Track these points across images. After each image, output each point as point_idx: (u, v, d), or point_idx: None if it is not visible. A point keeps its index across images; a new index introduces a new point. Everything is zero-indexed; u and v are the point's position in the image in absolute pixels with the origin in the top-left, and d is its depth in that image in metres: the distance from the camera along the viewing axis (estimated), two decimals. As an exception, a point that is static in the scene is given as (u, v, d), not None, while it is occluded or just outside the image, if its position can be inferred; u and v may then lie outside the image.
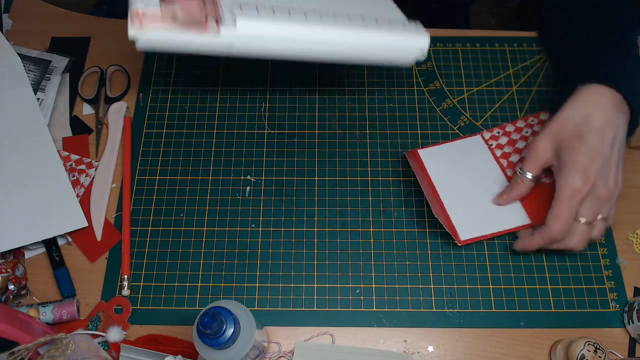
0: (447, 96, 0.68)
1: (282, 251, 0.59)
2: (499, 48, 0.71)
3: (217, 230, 0.60)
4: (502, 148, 0.63)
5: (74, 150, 0.64)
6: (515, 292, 0.57)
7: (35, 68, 0.69)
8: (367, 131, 0.66)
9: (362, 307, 0.57)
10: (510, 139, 0.63)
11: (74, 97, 0.68)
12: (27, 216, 0.59)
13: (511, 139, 0.63)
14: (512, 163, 0.62)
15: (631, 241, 0.60)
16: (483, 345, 0.55)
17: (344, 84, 0.69)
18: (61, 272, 0.58)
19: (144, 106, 0.68)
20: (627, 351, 0.55)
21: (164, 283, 0.58)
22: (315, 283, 0.58)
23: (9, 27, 0.73)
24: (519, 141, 0.63)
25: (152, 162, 0.64)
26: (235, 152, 0.65)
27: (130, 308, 0.56)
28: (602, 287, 0.57)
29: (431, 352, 0.55)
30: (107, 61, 0.71)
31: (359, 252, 0.59)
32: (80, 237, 0.60)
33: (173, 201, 0.62)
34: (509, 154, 0.62)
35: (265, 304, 0.57)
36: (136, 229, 0.60)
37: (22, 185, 0.61)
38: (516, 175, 0.58)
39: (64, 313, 0.54)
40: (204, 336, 0.42)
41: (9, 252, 0.58)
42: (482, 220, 0.59)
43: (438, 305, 0.57)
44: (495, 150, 0.63)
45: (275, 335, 0.56)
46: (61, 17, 0.74)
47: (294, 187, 0.63)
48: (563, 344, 0.53)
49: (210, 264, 0.59)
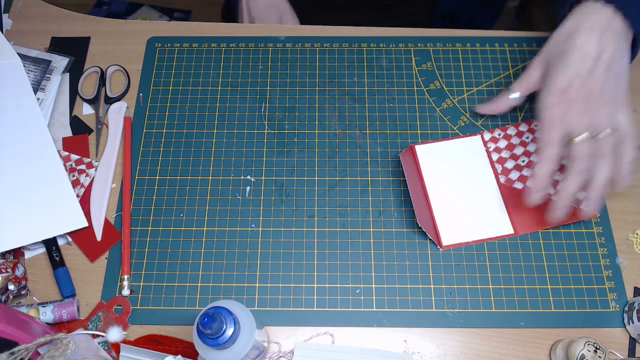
0: (447, 96, 0.68)
1: (282, 251, 0.59)
2: (499, 48, 0.71)
3: (217, 230, 0.60)
4: (500, 152, 0.62)
5: (74, 150, 0.64)
6: (515, 292, 0.57)
7: (35, 68, 0.69)
8: (367, 131, 0.66)
9: (362, 307, 0.57)
10: (510, 143, 0.63)
11: (74, 97, 0.68)
12: (27, 216, 0.59)
13: (511, 143, 0.63)
14: (507, 170, 0.61)
15: (631, 241, 0.60)
16: (483, 345, 0.55)
17: (344, 84, 0.69)
18: (61, 272, 0.58)
19: (144, 106, 0.68)
20: (627, 351, 0.55)
21: (164, 283, 0.58)
22: (315, 283, 0.58)
23: (9, 27, 0.73)
24: (518, 146, 0.63)
25: (152, 162, 0.64)
26: (235, 152, 0.65)
27: (130, 308, 0.56)
28: (602, 287, 0.57)
29: (431, 352, 0.55)
30: (107, 61, 0.71)
31: (359, 252, 0.59)
32: (80, 237, 0.60)
33: (173, 201, 0.62)
34: (505, 159, 0.62)
35: (265, 304, 0.57)
36: (136, 229, 0.61)
37: (22, 185, 0.61)
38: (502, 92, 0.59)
39: (64, 313, 0.54)
40: (204, 336, 0.42)
41: (8, 252, 0.58)
42: (467, 226, 0.59)
43: (438, 305, 0.57)
44: (492, 153, 0.62)
45: (275, 335, 0.56)
46: (61, 17, 0.75)
47: (294, 187, 0.63)
48: (563, 344, 0.53)
49: (210, 264, 0.59)
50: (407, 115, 0.66)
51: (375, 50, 0.71)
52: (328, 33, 0.72)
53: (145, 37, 0.72)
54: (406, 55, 0.70)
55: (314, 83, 0.69)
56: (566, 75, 0.52)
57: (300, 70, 0.70)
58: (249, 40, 0.72)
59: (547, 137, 0.52)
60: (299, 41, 0.72)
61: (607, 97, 0.52)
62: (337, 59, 0.70)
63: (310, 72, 0.69)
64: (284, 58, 0.71)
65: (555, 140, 0.52)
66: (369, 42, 0.71)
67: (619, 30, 0.53)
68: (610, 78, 0.52)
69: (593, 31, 0.52)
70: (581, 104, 0.51)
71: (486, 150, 0.63)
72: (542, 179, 0.53)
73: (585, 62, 0.51)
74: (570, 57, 0.52)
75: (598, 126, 0.51)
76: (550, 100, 0.52)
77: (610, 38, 0.52)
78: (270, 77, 0.69)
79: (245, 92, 0.68)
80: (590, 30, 0.52)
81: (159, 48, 0.71)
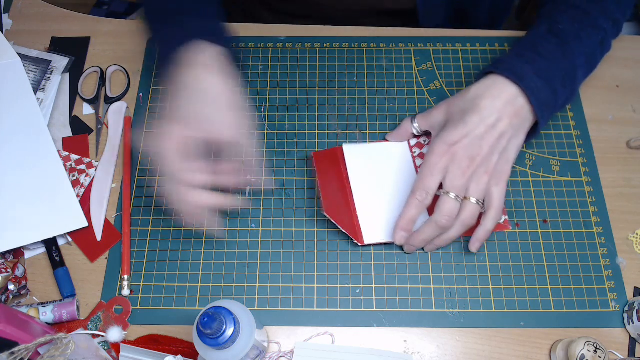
0: (447, 96, 0.68)
1: (282, 251, 0.59)
2: (499, 48, 0.71)
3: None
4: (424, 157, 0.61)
5: (74, 150, 0.64)
6: (515, 292, 0.57)
7: (35, 68, 0.69)
8: (367, 131, 0.66)
9: (362, 307, 0.57)
10: None
11: (74, 97, 0.68)
12: (28, 216, 0.59)
13: None
14: None
15: (631, 241, 0.60)
16: (483, 345, 0.55)
17: (344, 84, 0.69)
18: (61, 272, 0.58)
19: (144, 106, 0.68)
20: (627, 351, 0.55)
21: (164, 283, 0.58)
22: (315, 283, 0.58)
23: (9, 27, 0.73)
24: None
25: (152, 162, 0.64)
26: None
27: (130, 308, 0.56)
28: (602, 287, 0.57)
29: (431, 352, 0.55)
30: (107, 61, 0.71)
31: (359, 252, 0.59)
32: (80, 237, 0.60)
33: (173, 201, 0.62)
34: None
35: (265, 304, 0.57)
36: (136, 229, 0.60)
37: (22, 185, 0.61)
38: (406, 119, 0.62)
39: (64, 313, 0.54)
40: (204, 336, 0.42)
41: (8, 252, 0.58)
42: (389, 225, 0.59)
43: (438, 305, 0.57)
44: (416, 159, 0.62)
45: (275, 335, 0.56)
46: (61, 17, 0.75)
47: (294, 187, 0.63)
48: (563, 344, 0.53)
49: (210, 264, 0.59)
50: (407, 116, 0.66)
51: (375, 50, 0.71)
52: (328, 33, 0.72)
53: (145, 37, 0.72)
54: (406, 55, 0.70)
55: (314, 83, 0.69)
56: (459, 132, 0.54)
57: (300, 70, 0.70)
58: (249, 40, 0.72)
59: (424, 181, 0.54)
60: (299, 41, 0.72)
61: (488, 167, 0.54)
62: (337, 59, 0.70)
63: (310, 72, 0.69)
64: (284, 58, 0.71)
65: (430, 187, 0.54)
66: (369, 42, 0.71)
67: (522, 109, 0.55)
68: (497, 150, 0.54)
69: (496, 100, 0.54)
70: (463, 163, 0.53)
71: (411, 155, 0.63)
72: (406, 222, 0.56)
73: (480, 125, 0.54)
74: (469, 116, 0.54)
75: (469, 191, 0.54)
76: (438, 148, 0.54)
77: (511, 112, 0.54)
78: (270, 77, 0.69)
79: (245, 92, 0.68)
80: (494, 99, 0.54)
81: (159, 48, 0.71)
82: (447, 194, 0.53)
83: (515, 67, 0.55)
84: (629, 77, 0.69)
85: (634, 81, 0.69)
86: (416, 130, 0.61)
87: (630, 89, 0.68)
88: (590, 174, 0.63)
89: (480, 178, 0.54)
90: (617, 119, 0.66)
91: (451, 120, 0.56)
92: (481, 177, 0.54)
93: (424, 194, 0.54)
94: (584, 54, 0.58)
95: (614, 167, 0.63)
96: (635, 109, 0.67)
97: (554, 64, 0.57)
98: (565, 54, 0.57)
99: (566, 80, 0.57)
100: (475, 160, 0.53)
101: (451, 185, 0.53)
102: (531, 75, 0.55)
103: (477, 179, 0.54)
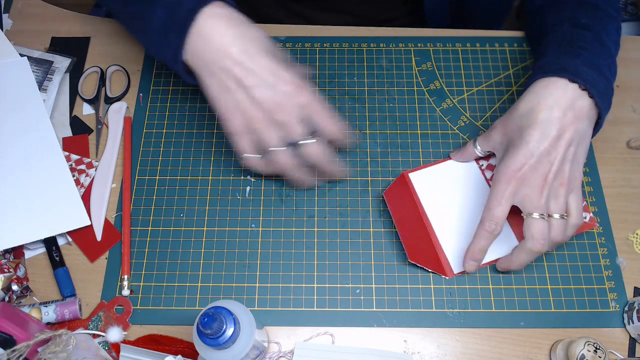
0: (447, 96, 0.68)
1: (282, 251, 0.59)
2: (499, 48, 0.71)
3: (217, 230, 0.60)
4: (493, 169, 0.60)
5: (74, 150, 0.64)
6: (515, 292, 0.57)
7: (37, 68, 0.69)
8: (367, 131, 0.66)
9: (362, 307, 0.57)
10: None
11: (74, 97, 0.68)
12: (31, 214, 0.59)
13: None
14: None
15: (631, 241, 0.60)
16: (483, 345, 0.55)
17: (344, 84, 0.69)
18: (61, 272, 0.58)
19: (144, 106, 0.68)
20: (627, 351, 0.55)
21: (164, 283, 0.58)
22: (315, 283, 0.58)
23: (9, 27, 0.73)
24: None
25: (152, 162, 0.64)
26: (235, 152, 0.64)
27: (131, 308, 0.56)
28: (602, 287, 0.57)
29: (431, 352, 0.55)
30: (107, 61, 0.71)
31: (359, 252, 0.59)
32: (80, 237, 0.60)
33: (173, 201, 0.62)
34: None
35: (265, 304, 0.57)
36: (136, 229, 0.61)
37: (26, 183, 0.61)
38: (469, 142, 0.60)
39: (66, 312, 0.54)
40: (204, 336, 0.42)
41: (8, 252, 0.58)
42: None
43: (438, 305, 0.57)
44: (485, 171, 0.61)
45: (275, 335, 0.56)
46: (61, 17, 0.74)
47: (294, 187, 0.63)
48: (563, 344, 0.53)
49: (210, 264, 0.59)
50: (407, 115, 0.66)
51: (375, 50, 0.71)
52: (328, 33, 0.72)
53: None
54: (406, 55, 0.70)
55: (314, 83, 0.69)
56: (522, 154, 0.52)
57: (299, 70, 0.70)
58: (249, 40, 0.71)
59: (492, 211, 0.52)
60: (299, 41, 0.72)
61: (563, 179, 0.52)
62: (337, 59, 0.70)
63: (310, 72, 0.69)
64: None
65: (498, 217, 0.52)
66: (369, 42, 0.71)
67: (583, 110, 0.52)
68: (567, 160, 0.52)
69: (553, 109, 0.52)
70: (536, 183, 0.51)
71: (479, 168, 0.61)
72: (477, 252, 0.54)
73: (543, 141, 0.51)
74: (528, 133, 0.52)
75: (549, 209, 0.52)
76: (504, 175, 0.52)
77: (572, 118, 0.52)
78: (270, 77, 0.69)
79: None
80: (551, 109, 0.52)
81: (159, 48, 0.71)
82: (531, 215, 0.51)
83: (567, 65, 0.53)
84: (628, 77, 0.69)
85: (634, 81, 0.69)
86: (479, 152, 0.59)
87: (630, 89, 0.68)
88: (590, 174, 0.63)
89: (558, 192, 0.52)
90: (617, 119, 0.66)
91: (511, 141, 0.54)
92: (558, 191, 0.52)
93: (493, 224, 0.52)
94: (613, 42, 0.58)
95: (614, 167, 0.63)
96: (635, 109, 0.67)
97: (597, 53, 0.55)
98: (602, 43, 0.56)
99: (611, 67, 0.56)
100: (548, 177, 0.51)
101: (531, 207, 0.51)
102: (585, 69, 0.52)
103: (554, 195, 0.52)
